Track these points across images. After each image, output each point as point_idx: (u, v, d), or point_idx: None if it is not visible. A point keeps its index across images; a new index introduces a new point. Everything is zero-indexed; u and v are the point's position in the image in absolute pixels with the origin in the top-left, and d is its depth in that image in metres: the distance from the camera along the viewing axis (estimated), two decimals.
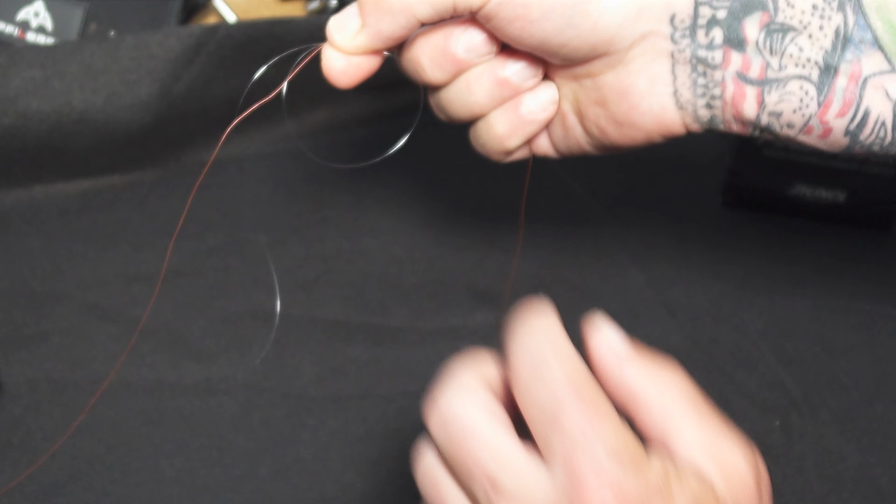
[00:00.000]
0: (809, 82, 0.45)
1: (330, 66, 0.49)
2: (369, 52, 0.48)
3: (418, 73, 0.49)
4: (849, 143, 0.46)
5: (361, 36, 0.47)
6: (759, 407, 0.63)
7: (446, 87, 0.50)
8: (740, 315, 0.67)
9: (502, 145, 0.51)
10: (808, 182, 0.68)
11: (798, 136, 0.47)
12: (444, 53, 0.48)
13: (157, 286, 0.66)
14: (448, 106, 0.50)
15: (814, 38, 0.45)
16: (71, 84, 0.66)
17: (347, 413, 0.63)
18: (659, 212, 0.70)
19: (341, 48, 0.48)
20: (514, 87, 0.49)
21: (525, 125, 0.50)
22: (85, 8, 0.72)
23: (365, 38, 0.47)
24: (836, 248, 0.69)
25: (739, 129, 0.48)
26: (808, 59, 0.45)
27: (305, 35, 0.69)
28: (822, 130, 0.46)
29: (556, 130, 0.51)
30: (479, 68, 0.49)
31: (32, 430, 0.61)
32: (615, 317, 0.66)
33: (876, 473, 0.61)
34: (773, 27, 0.45)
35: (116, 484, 0.60)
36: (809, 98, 0.46)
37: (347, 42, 0.48)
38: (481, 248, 0.69)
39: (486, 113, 0.50)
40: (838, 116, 0.45)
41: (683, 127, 0.49)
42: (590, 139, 0.51)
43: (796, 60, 0.45)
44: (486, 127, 0.51)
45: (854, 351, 0.65)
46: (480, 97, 0.49)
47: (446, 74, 0.49)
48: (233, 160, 0.72)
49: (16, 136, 0.66)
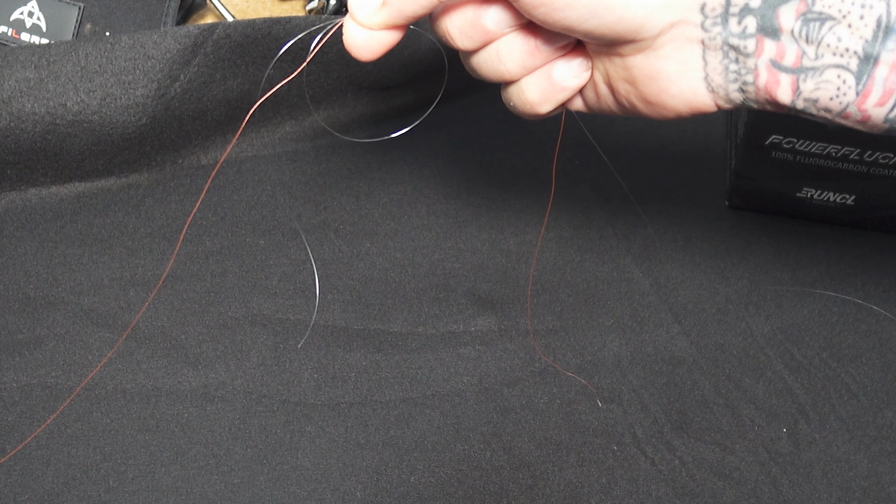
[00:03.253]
0: (848, 71, 0.45)
1: (351, 40, 0.49)
2: (391, 28, 0.49)
3: (446, 40, 0.50)
4: (888, 128, 0.46)
5: (383, 13, 0.48)
6: (766, 414, 0.63)
7: (476, 53, 0.50)
8: (747, 320, 0.66)
9: (534, 111, 0.52)
10: (815, 184, 0.67)
11: (835, 119, 0.47)
12: (473, 24, 0.49)
13: (155, 290, 0.65)
14: (478, 70, 0.51)
15: (853, 27, 0.44)
16: (66, 85, 0.66)
17: (347, 420, 0.62)
18: (664, 215, 0.70)
19: (362, 24, 0.48)
20: (545, 56, 0.50)
21: (557, 92, 0.51)
22: (80, 8, 0.71)
23: (387, 16, 0.48)
24: (844, 252, 0.69)
25: (774, 109, 0.48)
26: (846, 49, 0.44)
27: (305, 35, 0.69)
28: (861, 117, 0.46)
29: (588, 94, 0.52)
30: (510, 37, 0.49)
31: (26, 437, 0.61)
32: (620, 322, 0.66)
33: (885, 481, 0.61)
34: (810, 16, 0.44)
35: (112, 492, 0.59)
36: (847, 87, 0.45)
37: (369, 18, 0.48)
38: (483, 253, 0.69)
39: (517, 79, 0.51)
40: (878, 105, 0.45)
41: (715, 106, 0.49)
42: (621, 108, 0.51)
43: (834, 49, 0.44)
44: (517, 92, 0.51)
45: (863, 357, 0.65)
46: (511, 66, 0.50)
47: (475, 44, 0.49)
48: (231, 163, 0.72)
49: (9, 137, 0.66)
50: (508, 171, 0.72)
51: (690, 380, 0.64)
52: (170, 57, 0.67)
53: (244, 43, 0.68)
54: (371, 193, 0.71)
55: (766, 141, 0.65)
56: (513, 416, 0.63)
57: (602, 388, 0.63)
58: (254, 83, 0.70)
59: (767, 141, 0.65)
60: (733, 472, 0.61)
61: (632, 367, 0.64)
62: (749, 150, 0.67)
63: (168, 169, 0.71)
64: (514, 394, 0.63)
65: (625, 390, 0.63)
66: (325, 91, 0.72)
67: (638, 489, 0.60)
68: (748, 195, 0.70)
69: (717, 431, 0.62)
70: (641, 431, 0.62)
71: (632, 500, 0.60)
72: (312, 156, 0.72)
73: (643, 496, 0.60)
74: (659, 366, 0.64)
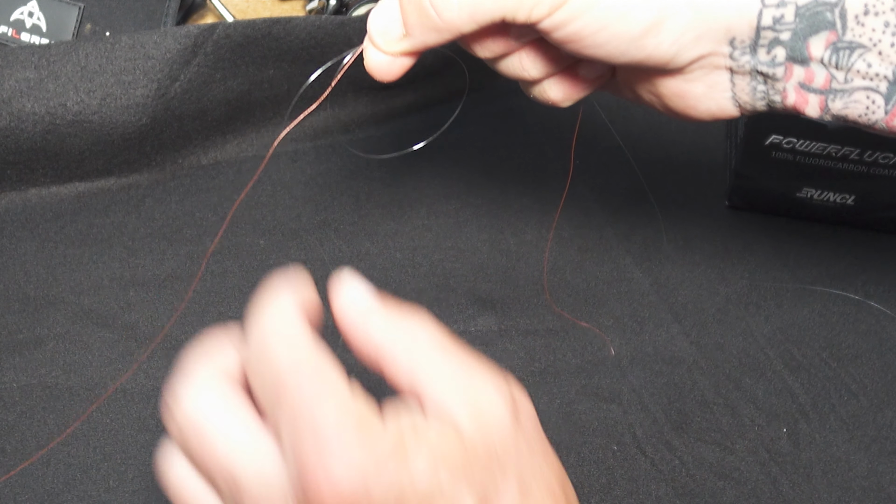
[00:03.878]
0: (877, 93, 0.45)
1: (373, 65, 0.50)
2: (411, 55, 0.49)
3: (468, 49, 0.50)
4: None
5: (405, 43, 0.49)
6: (766, 414, 0.63)
7: (498, 60, 0.51)
8: (747, 320, 0.66)
9: (555, 105, 0.52)
10: (816, 185, 0.67)
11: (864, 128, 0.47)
12: (495, 39, 0.49)
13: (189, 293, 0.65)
14: (499, 71, 0.51)
15: (884, 54, 0.44)
16: (66, 85, 0.66)
17: None
18: (664, 215, 0.70)
19: (383, 51, 0.49)
20: (568, 62, 0.50)
21: (579, 92, 0.51)
22: (80, 8, 0.71)
23: (408, 45, 0.49)
24: (844, 252, 0.69)
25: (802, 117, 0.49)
26: (876, 74, 0.45)
27: (305, 35, 0.69)
28: (889, 130, 0.46)
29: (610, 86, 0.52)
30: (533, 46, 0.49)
31: (26, 437, 0.61)
32: (620, 322, 0.66)
33: (885, 481, 0.61)
34: (841, 45, 0.45)
35: (111, 492, 0.59)
36: (876, 106, 0.45)
37: (391, 47, 0.49)
38: (483, 253, 0.69)
39: (539, 81, 0.51)
40: None
41: (739, 114, 0.49)
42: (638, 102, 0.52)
43: (864, 74, 0.45)
44: (539, 90, 0.52)
45: (863, 357, 0.65)
46: (534, 72, 0.51)
47: (497, 54, 0.50)
48: (231, 162, 0.72)
49: (9, 137, 0.66)
50: (509, 171, 0.72)
51: (690, 380, 0.64)
52: (170, 57, 0.66)
53: (244, 43, 0.68)
54: (371, 193, 0.71)
55: (766, 141, 0.65)
56: None
57: (602, 388, 0.63)
58: (254, 83, 0.70)
59: (767, 141, 0.65)
60: (733, 472, 0.61)
61: (632, 366, 0.64)
62: (749, 150, 0.67)
63: (168, 169, 0.71)
64: None
65: (625, 390, 0.63)
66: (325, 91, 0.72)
67: (638, 489, 0.60)
68: (748, 195, 0.70)
69: (717, 431, 0.62)
70: (641, 431, 0.62)
71: (632, 500, 0.60)
72: (312, 156, 0.72)
73: (643, 496, 0.60)
74: (659, 366, 0.64)
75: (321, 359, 0.39)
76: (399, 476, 0.36)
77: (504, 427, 0.39)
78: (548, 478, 0.40)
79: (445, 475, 0.37)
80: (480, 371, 0.40)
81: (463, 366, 0.39)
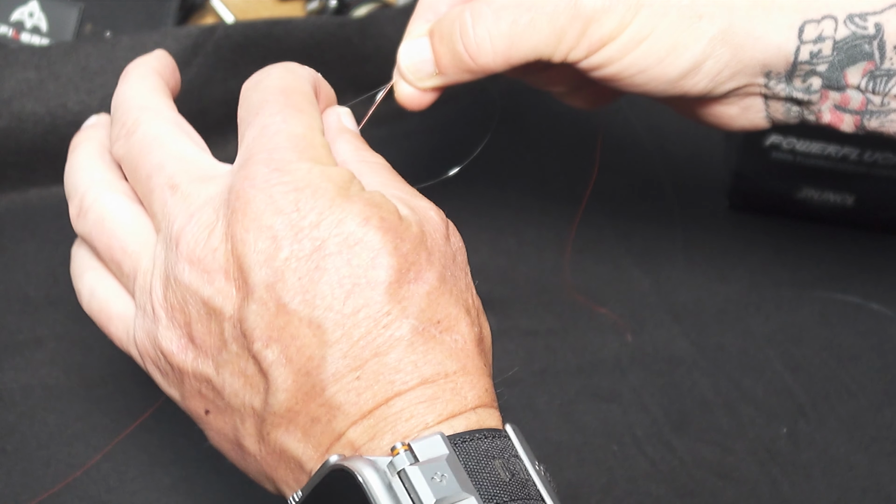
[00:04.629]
0: None
1: (404, 98, 0.51)
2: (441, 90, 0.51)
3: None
4: None
5: (437, 80, 0.50)
6: (766, 414, 0.63)
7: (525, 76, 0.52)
8: (746, 320, 0.66)
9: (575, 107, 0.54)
10: (815, 185, 0.67)
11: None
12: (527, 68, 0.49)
13: None
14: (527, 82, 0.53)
15: None
16: (66, 85, 0.66)
17: None
18: (664, 215, 0.70)
19: (415, 86, 0.50)
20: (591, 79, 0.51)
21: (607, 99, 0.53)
22: (80, 8, 0.71)
23: (440, 83, 0.50)
24: (843, 253, 0.69)
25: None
26: None
27: (305, 36, 0.69)
28: None
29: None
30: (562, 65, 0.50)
31: (27, 437, 0.60)
32: (619, 321, 0.66)
33: (885, 481, 0.61)
34: (878, 73, 0.45)
35: (112, 493, 0.59)
36: None
37: (423, 83, 0.50)
38: (483, 253, 0.68)
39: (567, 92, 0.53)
40: None
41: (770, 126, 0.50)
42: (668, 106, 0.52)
43: None
44: (567, 98, 0.53)
45: (862, 357, 0.65)
46: (562, 87, 0.52)
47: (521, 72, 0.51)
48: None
49: (10, 138, 0.66)
50: (509, 171, 0.72)
51: (690, 380, 0.64)
52: None
53: (244, 44, 0.68)
54: None
55: (766, 141, 0.65)
56: (513, 416, 0.63)
57: (602, 388, 0.63)
58: None
59: (767, 141, 0.65)
60: (733, 472, 0.61)
61: (632, 366, 0.64)
62: (749, 151, 0.67)
63: None
64: (514, 394, 0.63)
65: (625, 390, 0.63)
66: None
67: (638, 489, 0.60)
68: (748, 195, 0.70)
69: (717, 431, 0.62)
70: (641, 431, 0.62)
71: (632, 500, 0.60)
72: None
73: (643, 496, 0.60)
74: (659, 366, 0.64)
75: (309, 98, 0.43)
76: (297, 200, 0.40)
77: (437, 232, 0.42)
78: (463, 291, 0.42)
79: (375, 226, 0.39)
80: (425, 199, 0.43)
81: (409, 188, 0.43)
